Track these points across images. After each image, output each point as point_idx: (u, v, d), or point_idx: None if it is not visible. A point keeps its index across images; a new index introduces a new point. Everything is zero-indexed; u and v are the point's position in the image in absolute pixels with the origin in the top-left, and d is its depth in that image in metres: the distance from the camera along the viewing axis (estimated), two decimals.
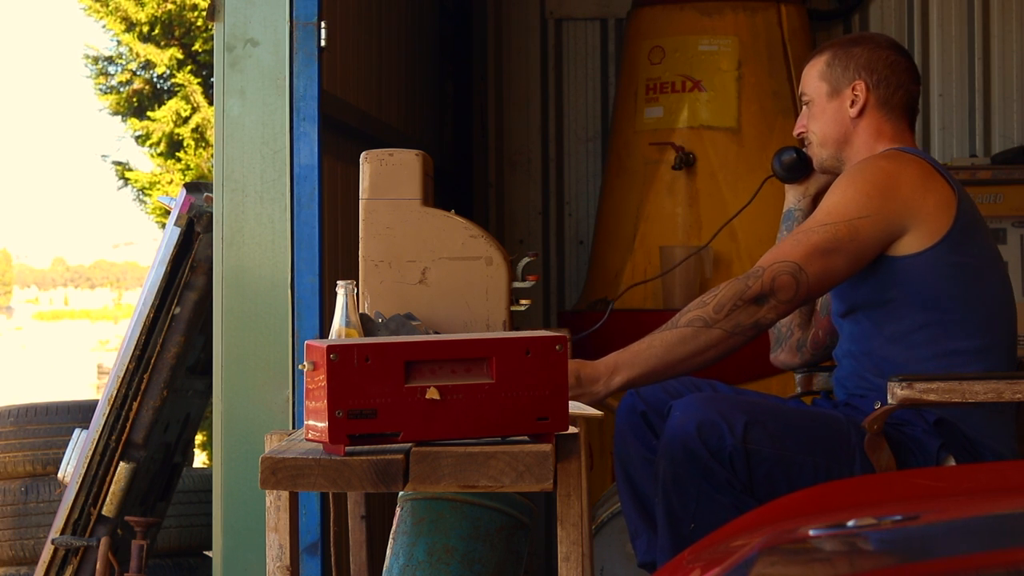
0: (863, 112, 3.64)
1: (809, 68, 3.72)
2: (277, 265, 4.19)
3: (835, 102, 3.66)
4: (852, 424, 3.41)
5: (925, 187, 3.49)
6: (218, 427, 4.23)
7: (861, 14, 6.65)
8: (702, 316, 3.36)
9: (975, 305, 3.50)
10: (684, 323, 3.37)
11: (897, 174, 3.49)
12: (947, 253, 3.46)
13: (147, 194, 10.13)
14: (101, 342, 38.81)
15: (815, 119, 3.69)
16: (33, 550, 5.47)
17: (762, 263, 3.41)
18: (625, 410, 3.64)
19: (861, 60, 3.66)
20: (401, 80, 5.59)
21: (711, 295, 3.39)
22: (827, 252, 3.41)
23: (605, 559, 4.69)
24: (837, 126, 3.66)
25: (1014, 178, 5.93)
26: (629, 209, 5.95)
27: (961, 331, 3.47)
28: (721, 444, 3.27)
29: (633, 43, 6.07)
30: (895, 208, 3.45)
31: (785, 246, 3.43)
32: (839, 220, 3.42)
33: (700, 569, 2.21)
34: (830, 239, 3.41)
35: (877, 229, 3.44)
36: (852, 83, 3.65)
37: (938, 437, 3.42)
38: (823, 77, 3.68)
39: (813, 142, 3.70)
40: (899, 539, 2.13)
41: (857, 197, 3.45)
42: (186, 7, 9.93)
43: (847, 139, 3.66)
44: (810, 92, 3.70)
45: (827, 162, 3.70)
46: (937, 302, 3.47)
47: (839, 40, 3.74)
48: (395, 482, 2.76)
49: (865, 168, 3.52)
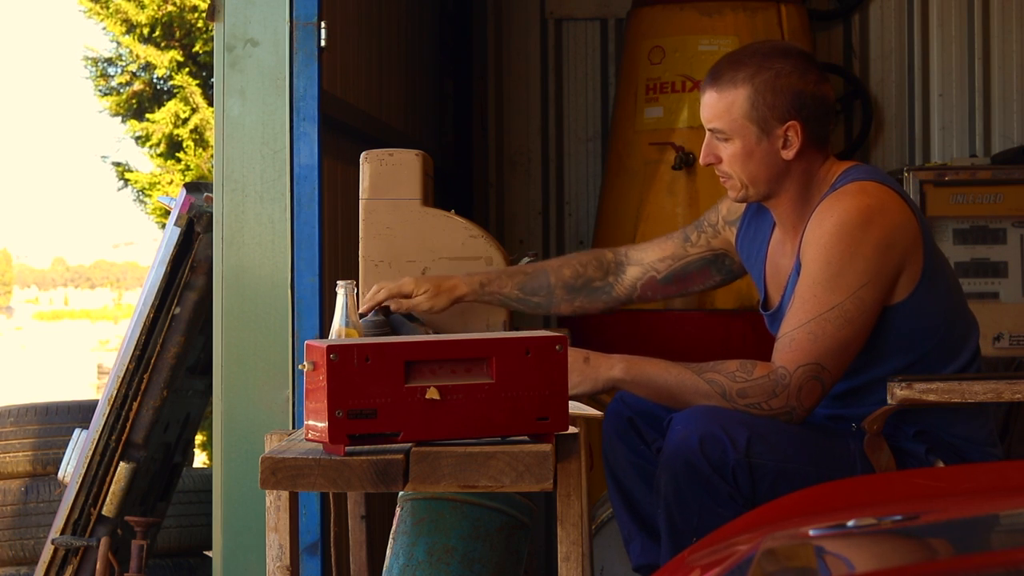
0: (798, 153, 3.38)
1: (721, 98, 3.37)
2: (277, 265, 4.19)
3: (765, 144, 3.38)
4: (847, 432, 3.41)
5: (906, 226, 3.33)
6: (218, 427, 4.23)
7: (861, 14, 6.65)
8: (723, 388, 3.28)
9: (953, 326, 3.42)
10: (707, 379, 3.29)
11: (884, 216, 3.30)
12: (930, 284, 3.35)
13: (147, 195, 10.13)
14: (101, 342, 38.80)
15: (737, 160, 3.39)
16: (33, 550, 5.47)
17: (785, 364, 3.25)
18: (611, 416, 3.62)
19: (789, 97, 3.35)
20: (401, 80, 5.59)
21: (743, 372, 3.27)
22: (843, 338, 3.27)
23: (605, 559, 4.69)
24: (770, 168, 3.39)
25: (1014, 178, 5.93)
26: (629, 209, 5.95)
27: (944, 358, 3.41)
28: (724, 459, 3.25)
29: (633, 43, 6.07)
30: (893, 259, 3.30)
31: (803, 342, 3.25)
32: (845, 296, 3.26)
33: (700, 569, 2.21)
34: (842, 323, 3.26)
35: (879, 289, 3.30)
36: (784, 125, 3.37)
37: (923, 443, 3.41)
38: (748, 117, 3.36)
39: (733, 178, 3.42)
40: (899, 539, 2.13)
41: (856, 263, 3.27)
42: (186, 9, 9.93)
43: (779, 178, 3.41)
44: (728, 129, 3.37)
45: (754, 198, 3.45)
46: (923, 340, 3.38)
47: (751, 62, 3.38)
48: (395, 482, 2.76)
49: (850, 217, 3.28)
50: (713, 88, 3.40)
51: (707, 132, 3.45)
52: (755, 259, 3.61)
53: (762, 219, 3.58)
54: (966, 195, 5.96)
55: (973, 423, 3.44)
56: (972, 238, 5.99)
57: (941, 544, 2.07)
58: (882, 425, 3.34)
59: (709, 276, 3.72)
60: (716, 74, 3.41)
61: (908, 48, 6.62)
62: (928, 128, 6.59)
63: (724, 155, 3.41)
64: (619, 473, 3.61)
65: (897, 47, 6.63)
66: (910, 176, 5.95)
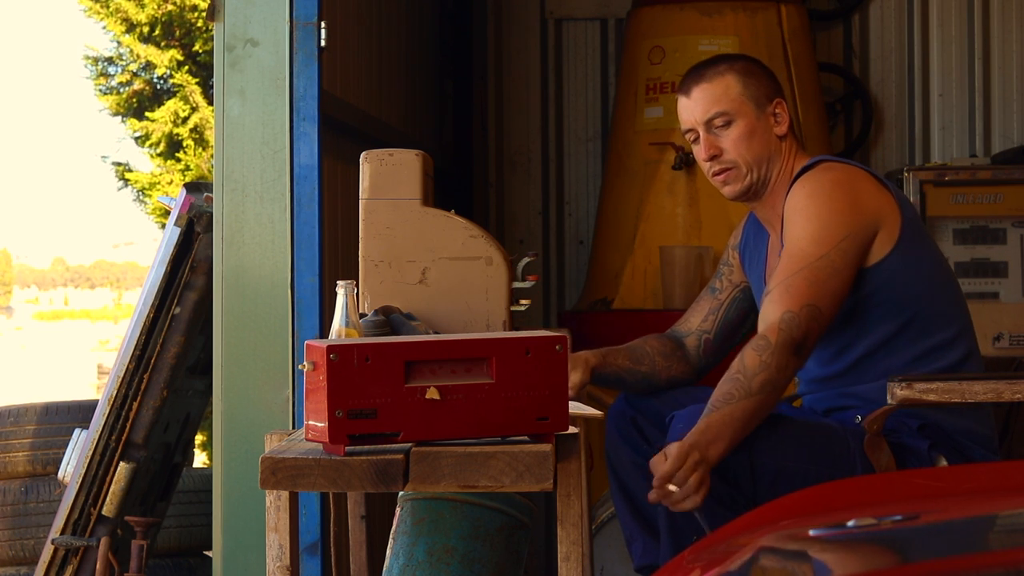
0: (785, 132, 3.55)
1: (713, 86, 3.52)
2: (277, 265, 4.19)
3: (763, 121, 3.54)
4: (847, 431, 3.41)
5: (875, 191, 3.46)
6: (218, 427, 4.23)
7: (861, 14, 6.65)
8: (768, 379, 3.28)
9: (940, 295, 3.50)
10: (756, 389, 3.28)
11: (851, 183, 3.44)
12: (908, 250, 3.45)
13: (147, 194, 10.13)
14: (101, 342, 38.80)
15: (742, 141, 3.51)
16: (33, 550, 5.47)
17: (789, 307, 3.32)
18: (615, 416, 3.63)
19: (766, 78, 3.57)
20: (401, 80, 5.59)
21: (768, 350, 3.29)
22: (834, 287, 3.35)
23: (605, 559, 4.69)
24: (766, 146, 3.54)
25: (1014, 178, 5.93)
26: (629, 209, 5.95)
27: (935, 324, 3.48)
28: (725, 460, 3.26)
29: (633, 43, 6.07)
30: (867, 218, 3.42)
31: (802, 286, 3.34)
32: (830, 247, 3.37)
33: (700, 569, 2.21)
34: (831, 271, 3.36)
35: (858, 244, 3.41)
36: (773, 102, 3.54)
37: (925, 439, 3.43)
38: (744, 95, 3.52)
39: (738, 165, 3.53)
40: (899, 539, 2.13)
41: (834, 218, 3.39)
42: (186, 8, 9.93)
43: (772, 160, 3.54)
44: (731, 110, 3.51)
45: (752, 187, 3.55)
46: (911, 301, 3.46)
47: (719, 62, 3.56)
48: (395, 482, 2.76)
49: (822, 186, 3.43)
50: (701, 83, 3.54)
51: (701, 131, 3.53)
52: (755, 266, 3.64)
53: (759, 232, 3.66)
54: (966, 195, 5.96)
55: (974, 415, 3.46)
56: (972, 238, 5.99)
57: (941, 544, 2.07)
58: (882, 425, 3.35)
59: (752, 310, 3.75)
60: (696, 75, 3.56)
61: (908, 48, 6.62)
62: (928, 128, 6.59)
63: (727, 142, 3.52)
64: (622, 473, 3.62)
65: (897, 47, 6.63)
66: (910, 176, 5.95)
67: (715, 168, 3.54)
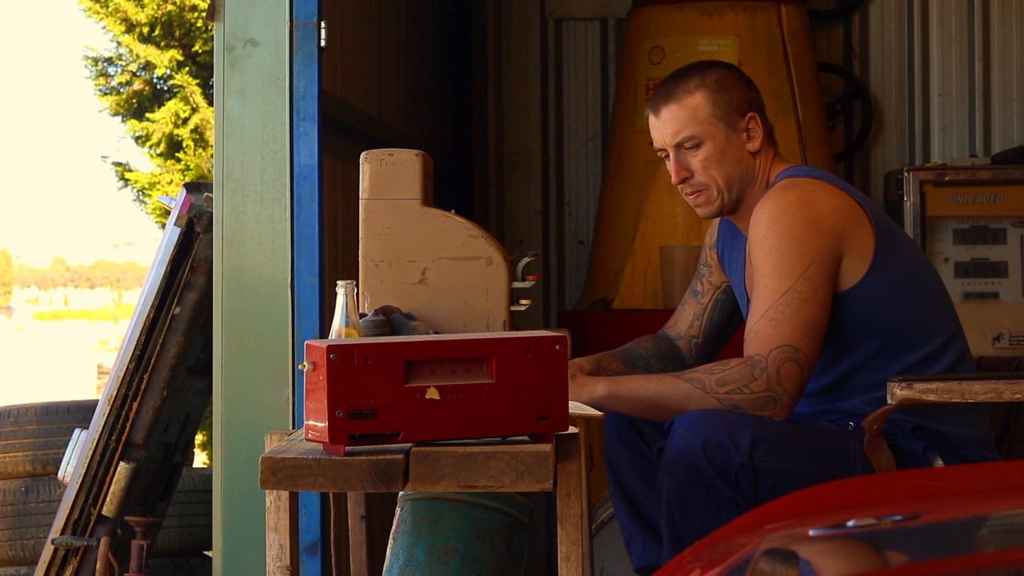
0: (759, 147, 3.50)
1: (682, 107, 3.47)
2: (277, 265, 4.19)
3: (733, 139, 3.49)
4: (845, 433, 3.42)
5: (840, 209, 3.40)
6: (218, 427, 4.23)
7: (861, 14, 6.65)
8: (703, 382, 3.32)
9: (923, 307, 3.46)
10: (685, 379, 3.34)
11: (811, 202, 3.38)
12: (883, 270, 3.40)
13: (147, 194, 10.13)
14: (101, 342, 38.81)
15: (711, 163, 3.48)
16: (33, 550, 5.47)
17: (758, 351, 3.31)
18: (613, 417, 3.63)
19: (739, 91, 3.50)
20: (401, 80, 5.59)
21: (719, 367, 3.33)
22: (804, 318, 3.31)
23: (605, 559, 4.69)
24: (737, 165, 3.49)
25: (1014, 178, 5.94)
26: (629, 209, 5.95)
27: (919, 338, 3.44)
28: (727, 463, 3.25)
29: (633, 43, 6.07)
30: (831, 238, 3.36)
31: (767, 329, 3.31)
32: (795, 279, 3.33)
33: (700, 569, 2.21)
34: (799, 303, 3.32)
35: (825, 267, 3.36)
36: (745, 117, 3.49)
37: (920, 440, 3.42)
38: (714, 116, 3.48)
39: (708, 188, 3.50)
40: (899, 539, 2.13)
41: (795, 248, 3.34)
42: (186, 8, 9.93)
43: (747, 178, 3.51)
44: (699, 133, 3.47)
45: (725, 207, 3.53)
46: (889, 321, 3.42)
47: (692, 74, 3.51)
48: (395, 482, 2.76)
49: (781, 211, 3.37)
50: (670, 103, 3.50)
51: (671, 152, 3.52)
52: (734, 269, 3.65)
53: (735, 234, 3.65)
54: (966, 195, 5.96)
55: (967, 421, 3.45)
56: (972, 238, 5.99)
57: (941, 544, 2.07)
58: (882, 425, 3.35)
59: (736, 311, 3.75)
60: (666, 93, 3.52)
61: (908, 48, 6.62)
62: (928, 128, 6.59)
63: (696, 164, 3.50)
64: (621, 474, 3.62)
65: (897, 47, 6.63)
66: (910, 176, 5.95)
67: (686, 190, 3.54)
